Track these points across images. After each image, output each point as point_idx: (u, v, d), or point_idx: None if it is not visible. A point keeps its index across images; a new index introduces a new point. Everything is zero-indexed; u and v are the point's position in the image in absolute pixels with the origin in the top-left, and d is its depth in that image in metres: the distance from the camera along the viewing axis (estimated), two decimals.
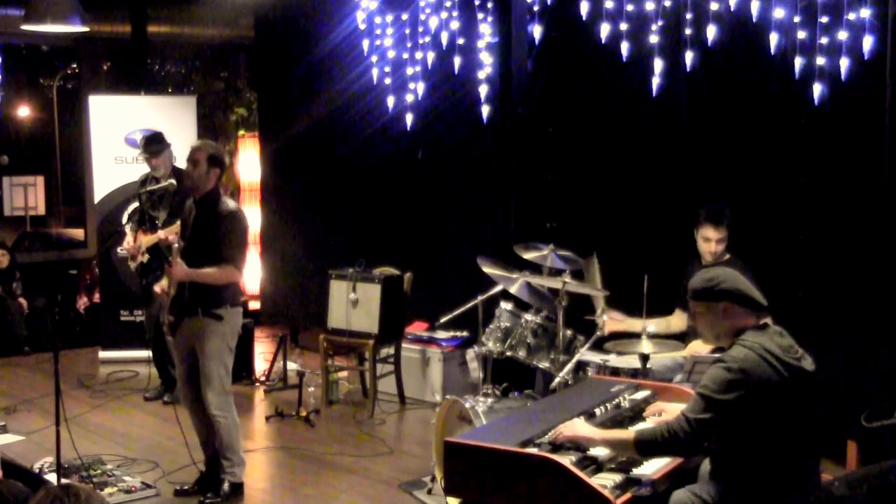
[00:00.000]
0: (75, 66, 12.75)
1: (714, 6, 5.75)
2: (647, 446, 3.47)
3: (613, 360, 5.36)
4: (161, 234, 6.86)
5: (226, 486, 5.27)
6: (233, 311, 5.26)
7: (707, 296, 3.59)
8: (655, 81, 6.07)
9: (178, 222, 6.69)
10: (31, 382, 7.85)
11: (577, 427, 3.63)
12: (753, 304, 3.54)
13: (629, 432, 3.49)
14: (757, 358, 3.39)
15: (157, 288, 5.84)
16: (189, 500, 5.33)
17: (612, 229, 6.53)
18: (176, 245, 5.14)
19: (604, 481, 3.37)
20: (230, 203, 5.30)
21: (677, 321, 5.64)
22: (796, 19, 5.43)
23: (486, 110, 7.09)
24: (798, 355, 3.50)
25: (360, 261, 7.13)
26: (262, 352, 8.74)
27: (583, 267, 5.65)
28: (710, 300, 3.59)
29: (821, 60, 5.35)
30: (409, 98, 7.60)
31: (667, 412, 4.07)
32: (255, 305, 9.60)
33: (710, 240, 5.41)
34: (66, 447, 5.10)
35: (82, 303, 10.25)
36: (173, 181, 7.04)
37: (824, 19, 5.32)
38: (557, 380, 5.15)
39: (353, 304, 6.96)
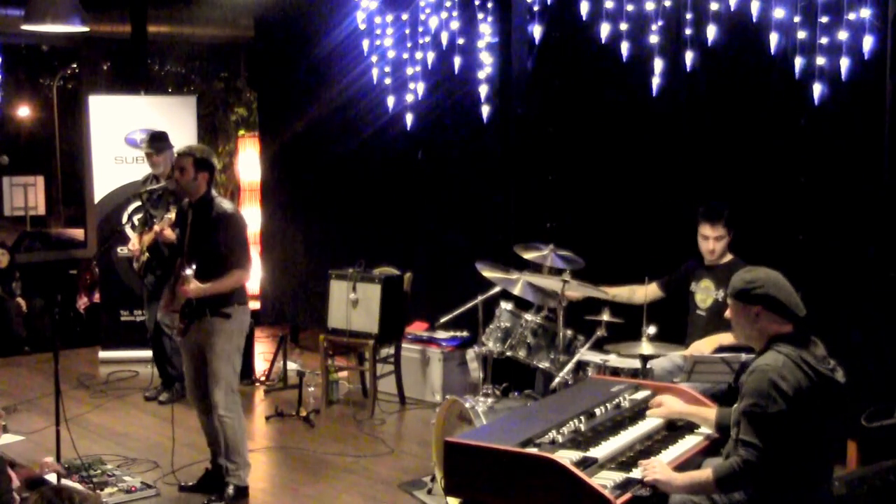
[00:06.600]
0: (75, 66, 12.72)
1: (714, 6, 5.76)
2: (729, 481, 3.39)
3: (613, 360, 5.35)
4: (156, 227, 6.88)
5: (230, 489, 5.26)
6: (240, 310, 5.29)
7: (743, 297, 3.57)
8: (655, 81, 6.07)
9: (170, 215, 6.71)
10: (31, 382, 7.85)
11: (666, 471, 3.48)
12: (788, 313, 3.51)
13: (706, 472, 3.43)
14: (793, 366, 3.39)
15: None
16: (192, 498, 5.33)
17: (613, 229, 6.53)
18: (189, 272, 5.08)
19: (604, 481, 3.37)
20: (225, 205, 5.28)
21: (643, 293, 5.50)
22: (796, 19, 5.44)
23: (486, 110, 7.09)
24: (831, 366, 3.49)
25: (360, 261, 7.13)
26: (262, 352, 8.74)
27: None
28: (744, 302, 3.57)
29: (821, 60, 5.36)
30: (409, 98, 7.60)
31: (666, 404, 4.10)
32: (255, 305, 9.54)
33: (707, 238, 5.40)
34: (66, 447, 5.11)
35: (82, 303, 10.23)
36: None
37: (824, 19, 5.32)
38: (557, 380, 5.15)
39: (353, 304, 6.96)
